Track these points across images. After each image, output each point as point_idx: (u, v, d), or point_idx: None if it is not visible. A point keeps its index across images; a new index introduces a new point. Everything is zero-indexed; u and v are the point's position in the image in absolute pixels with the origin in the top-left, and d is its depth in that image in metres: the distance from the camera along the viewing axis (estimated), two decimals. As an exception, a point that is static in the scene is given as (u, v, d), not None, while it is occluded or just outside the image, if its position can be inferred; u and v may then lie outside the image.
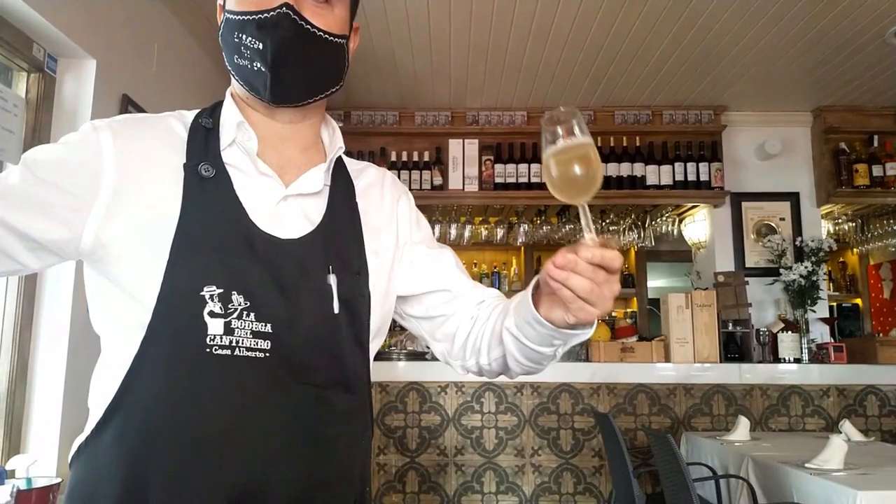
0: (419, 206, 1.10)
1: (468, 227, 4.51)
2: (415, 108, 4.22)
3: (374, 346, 0.96)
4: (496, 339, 0.94)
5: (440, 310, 1.01)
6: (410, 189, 4.16)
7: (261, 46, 0.85)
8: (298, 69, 0.88)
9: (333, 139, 0.99)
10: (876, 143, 4.05)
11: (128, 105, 2.52)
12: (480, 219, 4.73)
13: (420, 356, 3.40)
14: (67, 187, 0.81)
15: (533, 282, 0.85)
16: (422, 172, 4.13)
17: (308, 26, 0.86)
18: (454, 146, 4.17)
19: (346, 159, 1.02)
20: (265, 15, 0.84)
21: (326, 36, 0.88)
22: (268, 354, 0.80)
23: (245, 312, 0.80)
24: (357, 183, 1.00)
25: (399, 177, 4.08)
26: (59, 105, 2.30)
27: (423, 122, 4.24)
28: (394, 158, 4.16)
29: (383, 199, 1.03)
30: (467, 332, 0.99)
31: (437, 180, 4.13)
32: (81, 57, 2.32)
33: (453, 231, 4.43)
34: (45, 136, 2.23)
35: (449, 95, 4.03)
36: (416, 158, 4.18)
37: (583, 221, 0.79)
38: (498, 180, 4.11)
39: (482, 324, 0.98)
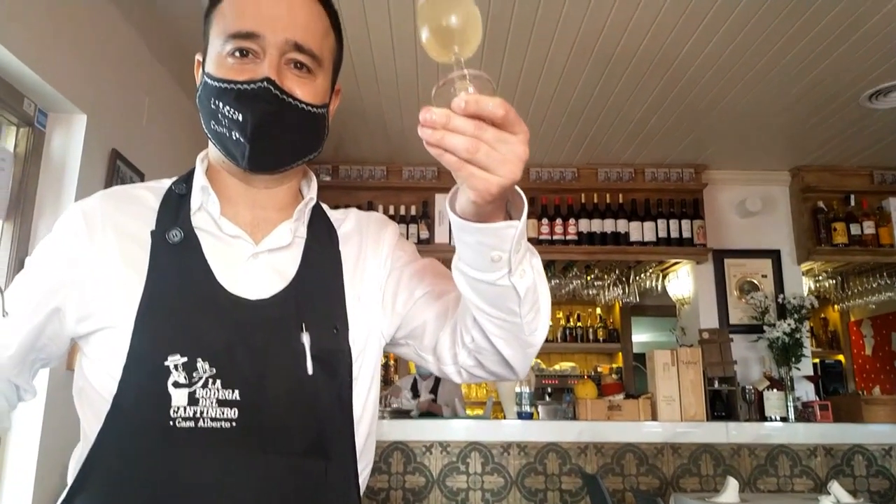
0: None
1: (454, 281, 4.50)
2: (402, 162, 4.26)
3: (364, 404, 0.91)
4: (462, 299, 0.85)
5: (420, 317, 0.94)
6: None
7: (240, 118, 0.83)
8: (277, 141, 0.87)
9: (310, 190, 0.97)
10: (853, 202, 4.14)
11: (116, 160, 2.52)
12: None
13: (404, 414, 3.34)
14: (48, 279, 0.86)
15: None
16: (408, 226, 4.15)
17: (289, 99, 0.85)
18: (441, 200, 4.21)
19: (328, 210, 1.01)
20: (246, 86, 0.83)
21: (307, 108, 0.87)
22: (234, 424, 0.78)
23: (210, 380, 0.78)
24: (340, 230, 0.98)
25: (385, 231, 4.09)
26: (47, 159, 2.29)
27: (410, 176, 4.27)
28: (381, 212, 4.17)
29: (367, 238, 0.99)
30: (452, 326, 0.92)
31: (424, 234, 4.14)
32: (72, 112, 2.33)
33: (439, 285, 4.42)
34: (31, 191, 2.21)
35: (436, 151, 4.08)
36: (402, 212, 4.20)
37: (455, 73, 0.66)
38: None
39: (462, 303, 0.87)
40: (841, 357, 5.41)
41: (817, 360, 5.09)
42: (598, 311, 5.83)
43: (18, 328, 0.84)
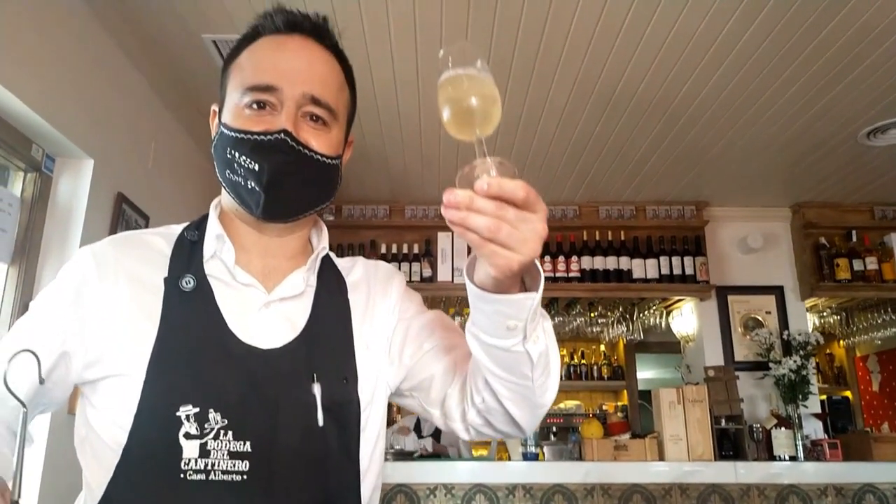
0: None
1: (457, 319, 4.49)
2: (405, 201, 4.29)
3: (371, 456, 0.90)
4: (474, 361, 0.86)
5: (428, 370, 0.95)
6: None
7: (256, 168, 0.85)
8: (292, 191, 0.88)
9: (321, 240, 0.99)
10: (854, 238, 4.15)
11: (122, 203, 2.54)
12: (469, 310, 4.72)
13: (407, 456, 3.30)
14: (57, 322, 0.84)
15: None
16: (411, 265, 4.15)
17: (305, 150, 0.86)
18: (443, 239, 4.22)
19: (335, 258, 1.01)
20: (263, 137, 0.84)
21: (322, 159, 0.89)
22: (246, 477, 0.77)
23: (222, 431, 0.77)
24: (348, 278, 0.99)
25: (388, 269, 4.10)
26: (53, 204, 2.31)
27: (412, 215, 4.30)
28: (384, 251, 4.19)
29: (375, 287, 1.00)
30: (462, 381, 0.93)
31: (427, 272, 4.14)
32: (79, 157, 2.36)
33: (442, 323, 4.41)
34: (37, 236, 2.22)
35: (438, 189, 4.11)
36: (405, 251, 4.21)
37: (477, 155, 0.69)
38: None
39: (472, 362, 0.89)
40: (848, 393, 5.36)
41: (824, 397, 5.04)
42: (603, 348, 5.80)
43: (26, 376, 0.82)
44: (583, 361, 5.69)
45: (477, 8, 2.39)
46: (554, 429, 4.61)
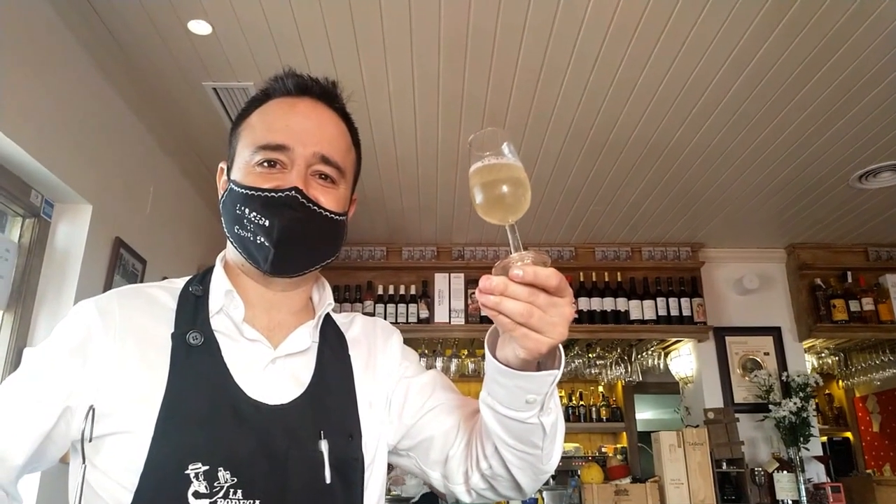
0: (406, 340, 1.08)
1: (454, 361, 4.47)
2: (402, 242, 4.30)
3: None
4: (484, 429, 0.87)
5: (428, 431, 0.95)
6: (396, 322, 4.07)
7: (267, 224, 0.86)
8: (301, 246, 0.89)
9: (323, 296, 0.99)
10: (850, 279, 4.16)
11: (119, 248, 2.54)
12: (466, 351, 4.70)
13: (405, 502, 3.25)
14: (59, 378, 0.82)
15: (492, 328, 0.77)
16: (408, 306, 4.14)
17: (315, 207, 0.88)
18: (440, 280, 4.22)
19: (333, 315, 1.02)
20: (274, 194, 0.86)
21: (331, 215, 0.90)
22: None
23: (231, 490, 0.76)
24: (347, 334, 0.99)
25: (385, 310, 4.09)
26: (51, 249, 2.31)
27: (409, 256, 4.31)
28: (380, 292, 4.18)
29: (375, 344, 1.01)
30: (464, 443, 0.93)
31: (424, 313, 4.13)
32: (78, 202, 2.37)
33: (439, 364, 4.39)
34: (34, 281, 2.22)
35: (435, 231, 4.13)
36: (402, 292, 4.20)
37: (511, 243, 0.73)
38: (484, 313, 4.12)
39: (478, 427, 0.90)
40: (848, 434, 5.31)
41: (825, 438, 4.98)
42: (601, 389, 5.75)
43: (28, 435, 0.79)
44: (581, 403, 5.63)
45: (474, 58, 2.44)
46: (553, 472, 4.54)
